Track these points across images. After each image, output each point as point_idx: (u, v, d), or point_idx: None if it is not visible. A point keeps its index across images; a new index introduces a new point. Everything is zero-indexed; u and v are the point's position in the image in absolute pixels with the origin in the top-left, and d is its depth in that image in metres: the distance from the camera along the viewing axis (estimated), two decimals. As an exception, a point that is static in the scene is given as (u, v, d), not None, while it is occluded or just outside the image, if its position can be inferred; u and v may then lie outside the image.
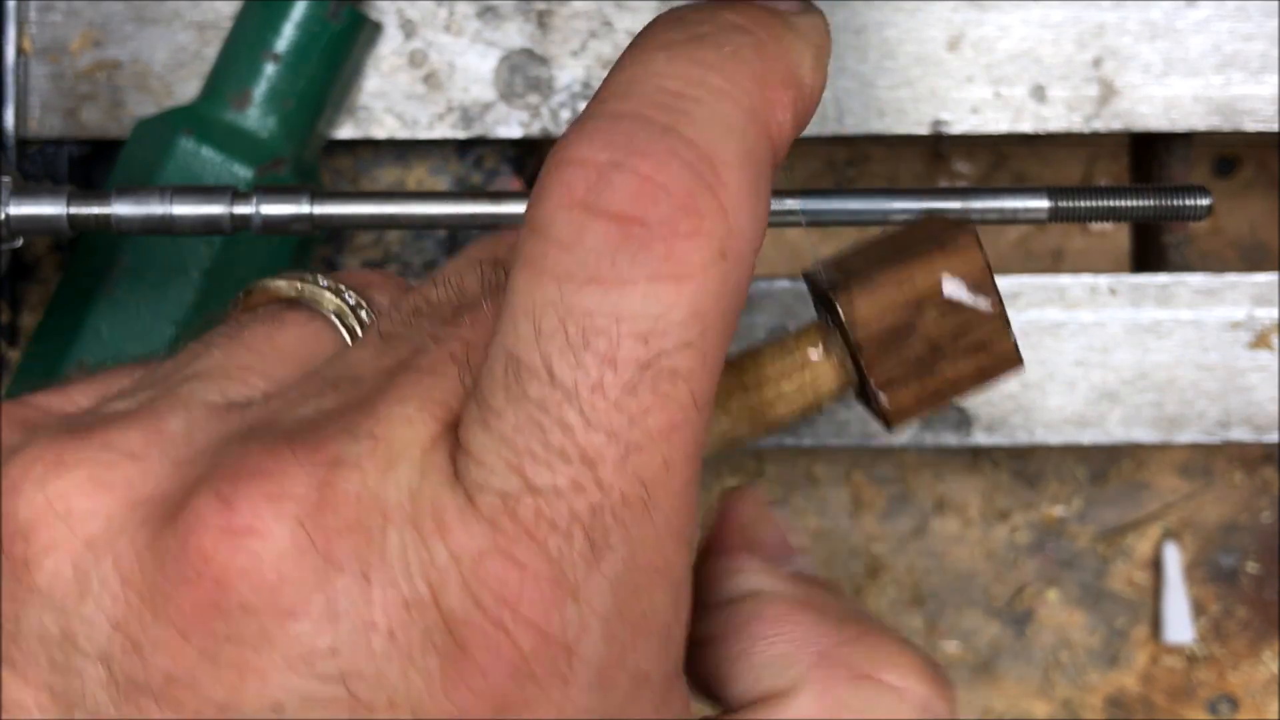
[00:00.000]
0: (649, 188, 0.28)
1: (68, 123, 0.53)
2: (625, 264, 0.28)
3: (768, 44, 0.31)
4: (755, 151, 0.30)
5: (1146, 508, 0.61)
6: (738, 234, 0.29)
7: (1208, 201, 0.46)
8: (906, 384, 0.32)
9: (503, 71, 0.54)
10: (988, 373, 0.33)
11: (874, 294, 0.32)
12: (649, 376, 0.28)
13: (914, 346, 0.32)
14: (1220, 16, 0.54)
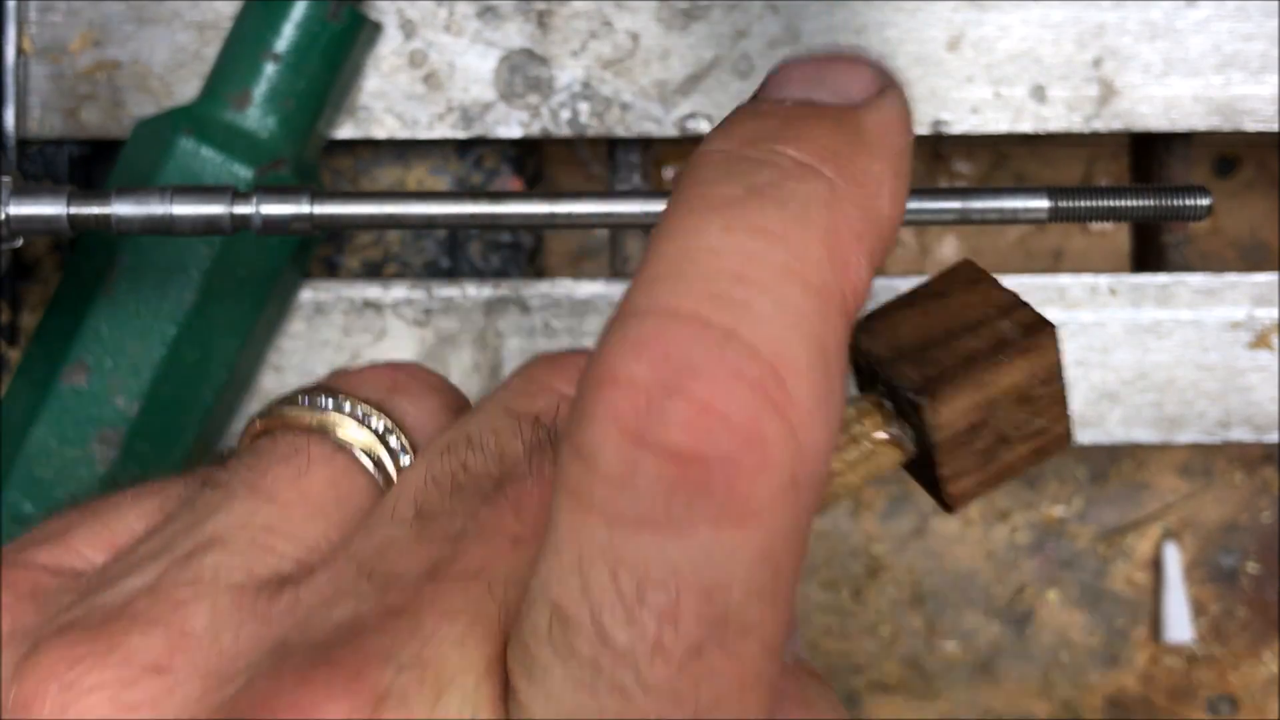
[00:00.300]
0: (708, 419, 0.25)
1: (68, 123, 0.53)
2: (683, 507, 0.24)
3: (839, 185, 0.27)
4: (827, 340, 0.26)
5: (1146, 508, 0.61)
6: (810, 454, 0.25)
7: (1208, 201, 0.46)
8: (971, 474, 0.32)
9: (503, 71, 0.54)
10: (1043, 454, 0.32)
11: (956, 399, 0.31)
12: (715, 634, 0.24)
13: (984, 439, 0.31)
14: (1220, 16, 0.54)
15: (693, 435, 0.24)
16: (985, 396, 0.31)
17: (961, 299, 0.31)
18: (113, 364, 0.50)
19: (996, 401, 0.31)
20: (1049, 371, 0.31)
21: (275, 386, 0.54)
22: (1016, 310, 0.31)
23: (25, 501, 0.50)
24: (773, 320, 0.25)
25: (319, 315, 0.54)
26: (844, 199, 0.27)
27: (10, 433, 0.51)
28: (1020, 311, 0.31)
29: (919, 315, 0.31)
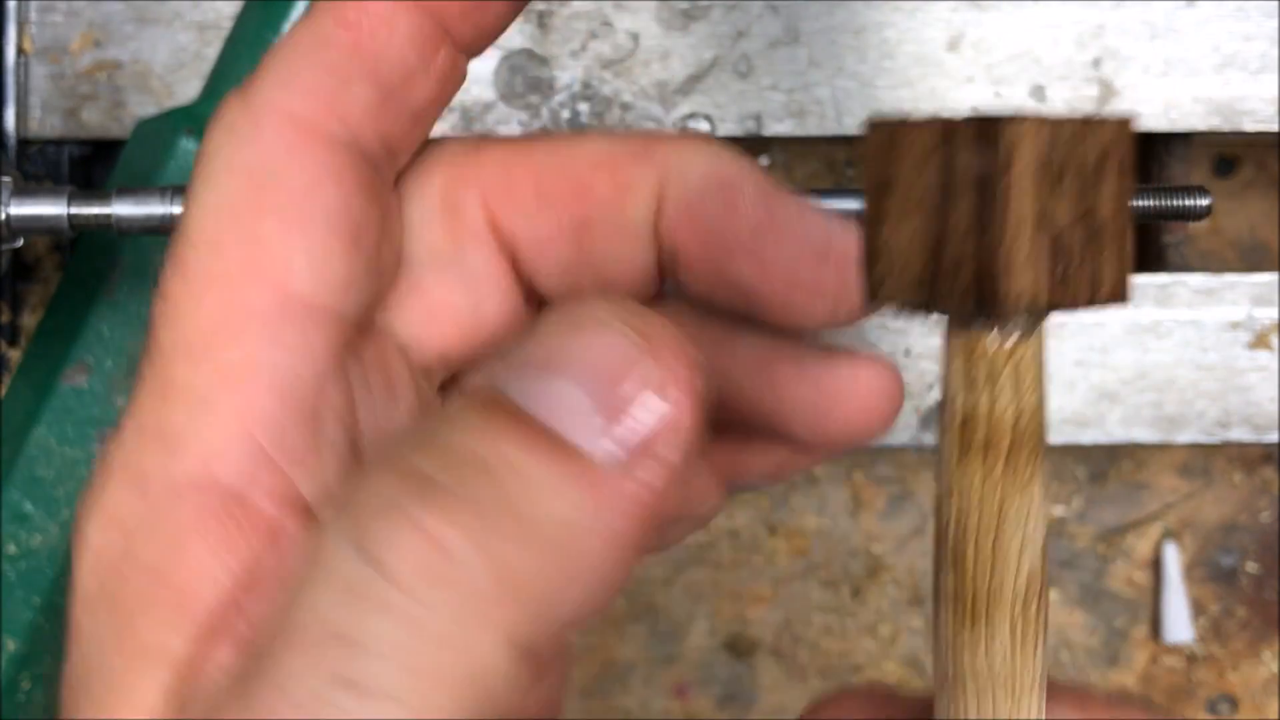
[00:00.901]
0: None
1: (68, 123, 0.53)
2: None
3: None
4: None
5: (1146, 508, 0.61)
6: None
7: (1207, 201, 0.46)
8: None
9: (503, 72, 0.54)
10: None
11: (1017, 270, 0.27)
12: None
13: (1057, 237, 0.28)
14: (1220, 17, 0.54)
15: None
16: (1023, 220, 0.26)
17: (911, 165, 0.27)
18: (113, 364, 0.51)
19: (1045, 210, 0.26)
20: (1036, 154, 0.26)
21: (275, 386, 0.54)
22: (956, 134, 0.27)
23: (26, 501, 0.50)
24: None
25: (319, 315, 0.54)
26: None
27: (11, 433, 0.51)
28: (960, 130, 0.27)
29: (902, 225, 0.28)
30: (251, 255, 0.29)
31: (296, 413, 0.29)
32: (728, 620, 0.62)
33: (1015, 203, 0.26)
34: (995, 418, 0.27)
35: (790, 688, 0.62)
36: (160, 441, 0.28)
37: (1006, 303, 0.26)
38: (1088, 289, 0.27)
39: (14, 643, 0.49)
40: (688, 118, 0.54)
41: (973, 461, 0.28)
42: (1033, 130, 0.26)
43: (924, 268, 0.27)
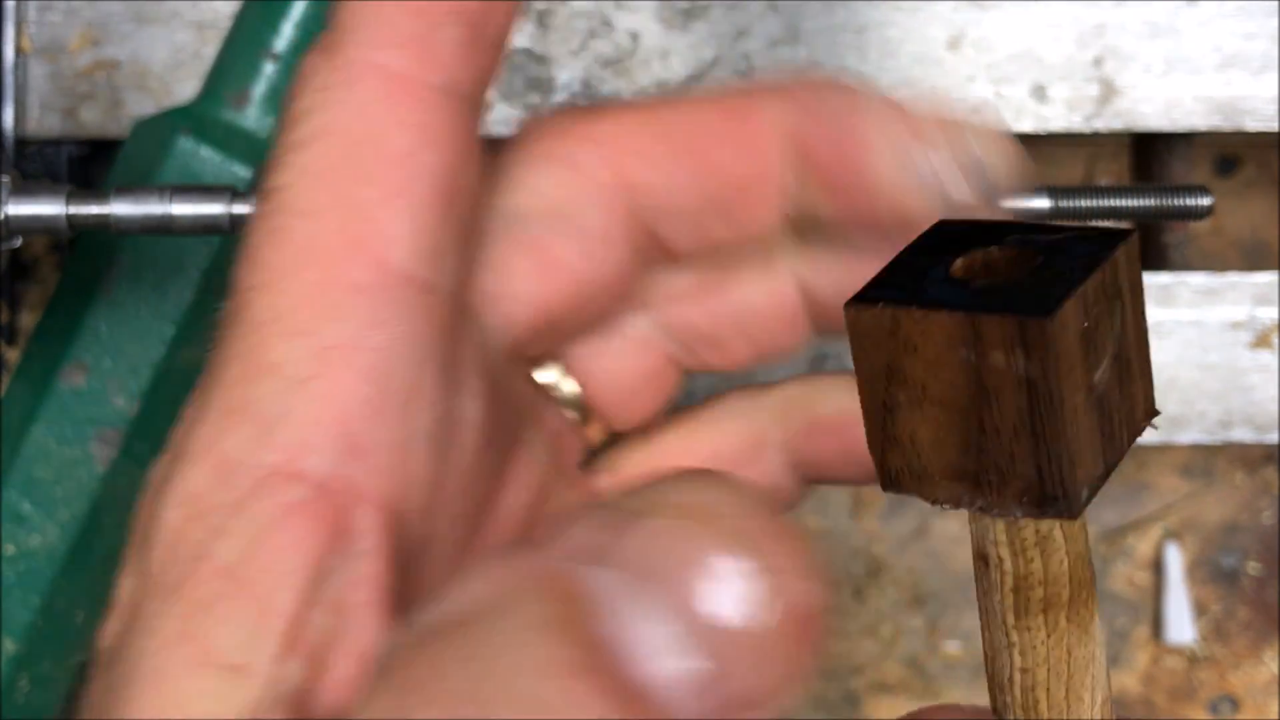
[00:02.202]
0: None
1: (66, 122, 0.53)
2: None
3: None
4: None
5: (1147, 508, 0.61)
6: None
7: (1208, 201, 0.46)
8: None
9: (503, 71, 0.54)
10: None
11: (1083, 458, 0.25)
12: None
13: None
14: (1221, 16, 0.54)
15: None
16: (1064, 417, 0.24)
17: (927, 360, 0.24)
18: (111, 364, 0.50)
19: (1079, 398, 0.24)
20: (1069, 355, 0.24)
21: (274, 386, 0.54)
22: (984, 334, 0.24)
23: (24, 501, 0.50)
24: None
25: (318, 315, 0.54)
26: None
27: (9, 433, 0.51)
28: (990, 329, 0.23)
29: (923, 419, 0.25)
30: (354, 226, 0.27)
31: (392, 401, 0.27)
32: (728, 621, 0.62)
33: (1069, 396, 0.23)
34: (1051, 575, 0.26)
35: (790, 688, 0.62)
36: (250, 424, 0.26)
37: (1078, 495, 0.24)
38: (1129, 430, 0.26)
39: (12, 643, 0.49)
40: (688, 117, 0.54)
41: (1034, 620, 0.26)
42: (1074, 314, 0.23)
43: (957, 464, 0.25)
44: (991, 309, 0.23)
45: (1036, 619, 0.26)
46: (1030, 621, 0.26)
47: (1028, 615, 0.26)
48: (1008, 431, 0.24)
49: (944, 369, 0.24)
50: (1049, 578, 0.26)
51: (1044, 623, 0.26)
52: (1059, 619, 0.26)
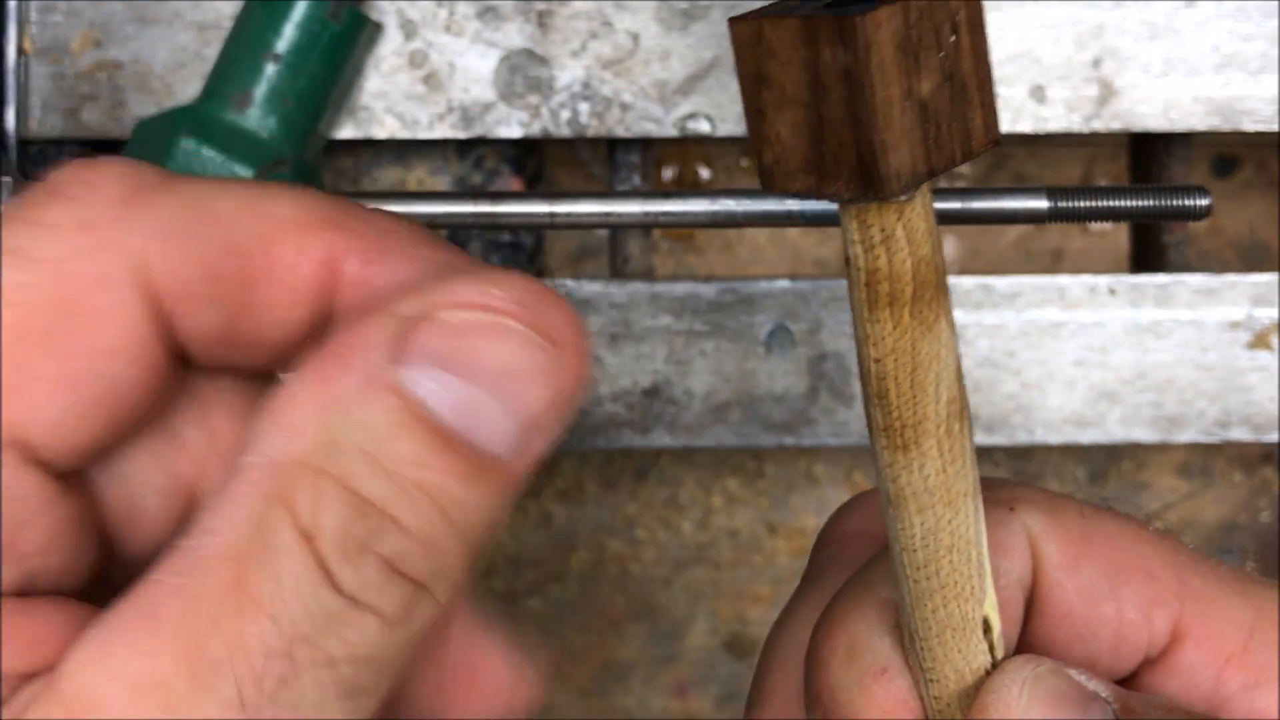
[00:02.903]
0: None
1: (69, 123, 0.54)
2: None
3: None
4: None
5: (1146, 507, 0.61)
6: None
7: (1207, 201, 0.46)
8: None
9: (503, 72, 0.54)
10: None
11: (891, 162, 0.30)
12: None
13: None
14: (1219, 16, 0.54)
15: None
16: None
17: (781, 62, 0.29)
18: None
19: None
20: (886, 49, 0.28)
21: (276, 386, 0.54)
22: (816, 31, 0.28)
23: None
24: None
25: (319, 315, 0.54)
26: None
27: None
28: (820, 27, 0.28)
29: (783, 119, 0.30)
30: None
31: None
32: (727, 620, 0.62)
33: (880, 89, 0.28)
34: (895, 272, 0.30)
35: (790, 687, 0.62)
36: None
37: (889, 180, 0.28)
38: (961, 145, 0.29)
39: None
40: (687, 118, 0.54)
41: (881, 313, 0.30)
42: (886, 18, 0.28)
43: (808, 156, 0.29)
44: (824, 12, 0.28)
45: (884, 312, 0.30)
46: (879, 314, 0.30)
47: (876, 308, 0.30)
48: (837, 121, 0.28)
49: (793, 68, 0.28)
50: (893, 274, 0.30)
51: (890, 315, 0.30)
52: (903, 314, 0.30)
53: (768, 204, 0.46)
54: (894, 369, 0.30)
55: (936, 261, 0.30)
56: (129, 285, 0.28)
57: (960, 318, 0.54)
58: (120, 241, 0.28)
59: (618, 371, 0.54)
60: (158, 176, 0.29)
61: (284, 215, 0.29)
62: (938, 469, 0.31)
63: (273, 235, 0.29)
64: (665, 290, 0.54)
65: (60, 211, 0.28)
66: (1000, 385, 0.54)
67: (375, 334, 0.27)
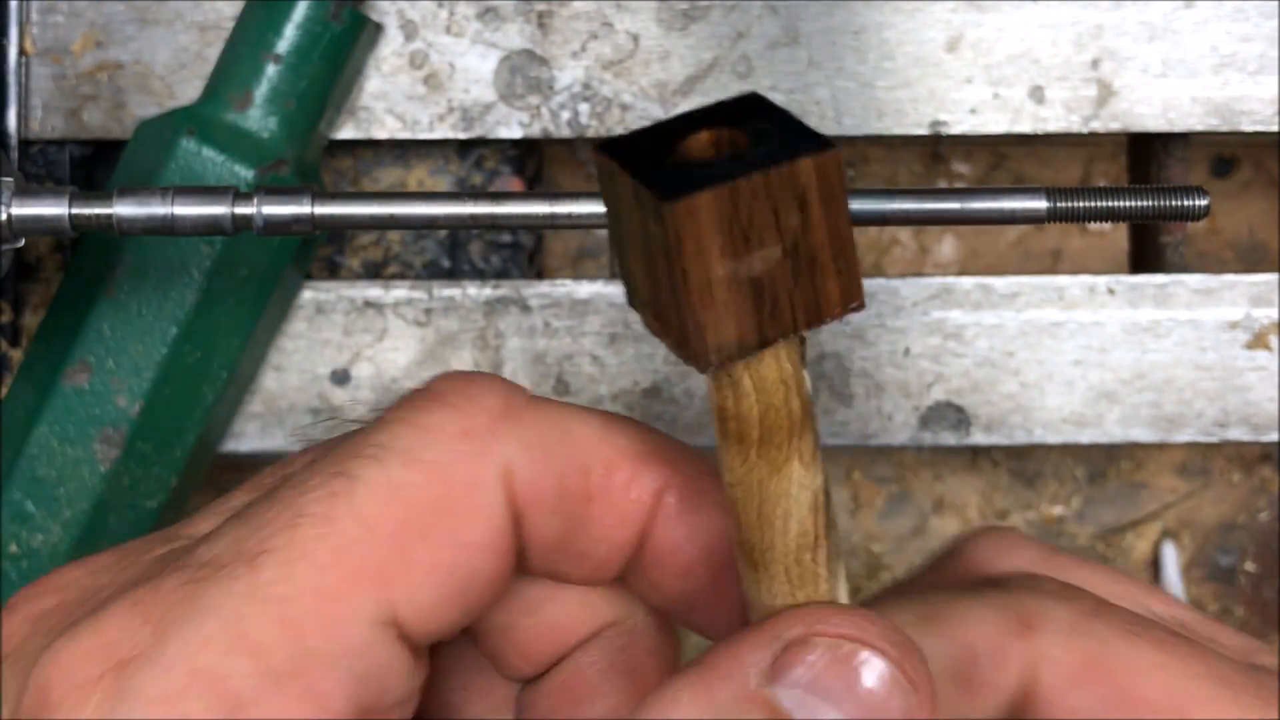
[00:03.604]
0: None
1: (70, 123, 0.54)
2: None
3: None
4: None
5: (1145, 507, 0.61)
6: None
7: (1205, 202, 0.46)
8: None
9: (503, 72, 0.54)
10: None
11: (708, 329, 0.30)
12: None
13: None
14: (1218, 17, 0.54)
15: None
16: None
17: (627, 210, 0.28)
18: (114, 364, 0.51)
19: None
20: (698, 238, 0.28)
21: (276, 387, 0.54)
22: (641, 198, 0.28)
23: (27, 501, 0.50)
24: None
25: (320, 315, 0.54)
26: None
27: (12, 432, 0.51)
28: (643, 195, 0.27)
29: (634, 257, 0.29)
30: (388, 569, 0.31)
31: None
32: (727, 619, 0.62)
33: (695, 273, 0.27)
34: (742, 415, 0.30)
35: (790, 687, 0.62)
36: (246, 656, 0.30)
37: (708, 355, 0.28)
38: (807, 314, 0.29)
39: (15, 642, 0.50)
40: (687, 118, 0.54)
41: (731, 449, 0.31)
42: (705, 204, 0.27)
43: (652, 300, 0.29)
44: (650, 182, 0.27)
45: (733, 447, 0.30)
46: (729, 446, 0.31)
47: (726, 440, 0.30)
48: (666, 285, 0.28)
49: (634, 221, 0.28)
50: (739, 416, 0.30)
51: (738, 451, 0.30)
52: (749, 453, 0.30)
53: (767, 204, 0.46)
54: (742, 497, 0.31)
55: (790, 407, 0.30)
56: (498, 489, 0.32)
57: (959, 318, 0.54)
58: (492, 452, 0.32)
59: (618, 371, 0.54)
60: (524, 396, 0.33)
61: (627, 446, 0.33)
62: (785, 591, 0.32)
63: (616, 461, 0.33)
64: (665, 290, 0.54)
65: (443, 418, 0.32)
66: (999, 385, 0.54)
67: (755, 651, 0.30)
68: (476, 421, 0.32)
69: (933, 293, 0.54)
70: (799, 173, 0.27)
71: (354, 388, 0.54)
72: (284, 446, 0.54)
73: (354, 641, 0.30)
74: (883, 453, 0.60)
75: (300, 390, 0.54)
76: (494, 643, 0.35)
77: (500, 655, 0.35)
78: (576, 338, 0.54)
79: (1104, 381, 0.54)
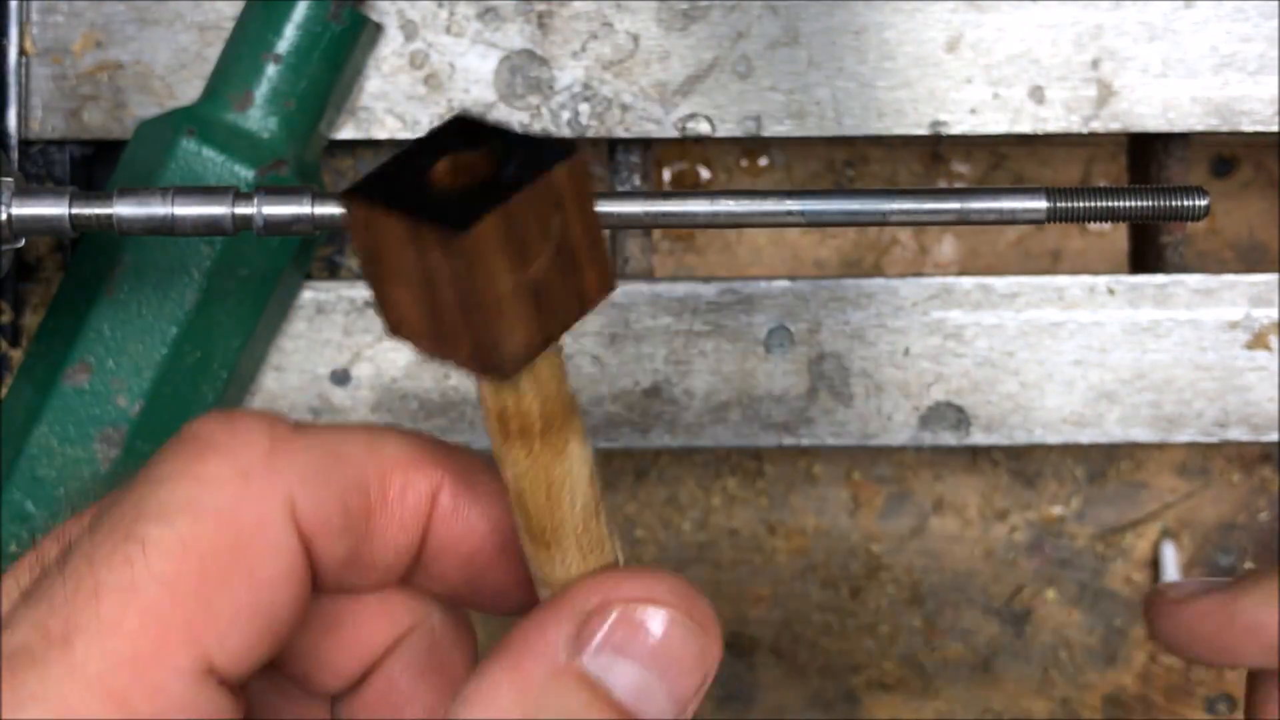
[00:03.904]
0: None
1: (70, 124, 0.54)
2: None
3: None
4: None
5: (1145, 507, 0.61)
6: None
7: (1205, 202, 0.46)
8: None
9: (503, 72, 0.54)
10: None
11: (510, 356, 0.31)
12: None
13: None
14: (1218, 17, 0.54)
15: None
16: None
17: (391, 250, 0.30)
18: (114, 364, 0.51)
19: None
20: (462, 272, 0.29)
21: (277, 386, 0.54)
22: (423, 238, 0.29)
23: (27, 501, 0.50)
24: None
25: (320, 315, 0.54)
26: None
27: (12, 432, 0.51)
28: (426, 235, 0.29)
29: (399, 290, 0.31)
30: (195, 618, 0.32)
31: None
32: (727, 619, 0.62)
33: (489, 291, 0.29)
34: (524, 411, 0.32)
35: (790, 687, 0.62)
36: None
37: (507, 364, 0.30)
38: (578, 305, 0.31)
39: (16, 642, 0.50)
40: (687, 118, 0.54)
41: (514, 445, 0.32)
42: (492, 227, 0.28)
43: (428, 328, 0.30)
44: (429, 218, 0.28)
45: (516, 443, 0.32)
46: (511, 445, 0.32)
47: (509, 440, 0.32)
48: (451, 312, 0.29)
49: (403, 259, 0.29)
50: (521, 413, 0.32)
51: (522, 445, 0.32)
52: (533, 445, 0.32)
53: (768, 204, 0.47)
54: (530, 487, 0.33)
55: (563, 394, 0.32)
56: (284, 524, 0.33)
57: (959, 318, 0.54)
58: (273, 488, 0.33)
59: (618, 371, 0.54)
60: (288, 426, 0.34)
61: (396, 455, 0.35)
62: (578, 560, 0.34)
63: (388, 473, 0.35)
64: (665, 290, 0.54)
65: (218, 464, 0.33)
66: (999, 385, 0.54)
67: (559, 625, 0.32)
68: (251, 461, 0.33)
69: (933, 293, 0.54)
70: (556, 180, 0.29)
71: (354, 388, 0.54)
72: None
73: (177, 698, 0.31)
74: (883, 453, 0.60)
75: (300, 390, 0.54)
76: (300, 665, 0.36)
77: (309, 675, 0.36)
78: (576, 338, 0.54)
79: (1104, 381, 0.54)
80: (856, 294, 0.54)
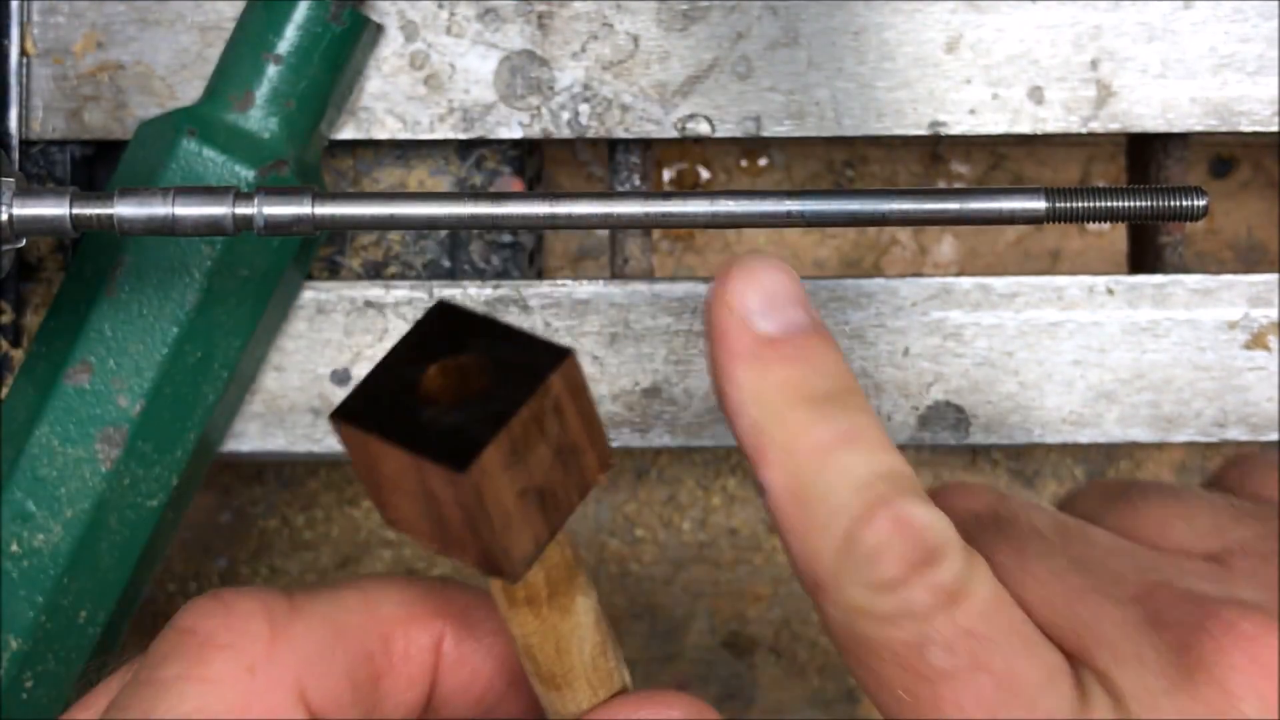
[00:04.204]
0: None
1: (71, 124, 0.54)
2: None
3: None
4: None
5: (1144, 507, 0.61)
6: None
7: (1204, 202, 0.46)
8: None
9: (503, 73, 0.54)
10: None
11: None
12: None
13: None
14: (1217, 18, 0.54)
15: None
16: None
17: (392, 471, 0.30)
18: (115, 364, 0.51)
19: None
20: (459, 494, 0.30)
21: (277, 386, 0.54)
22: (426, 471, 0.29)
23: (28, 500, 0.51)
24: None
25: (321, 315, 0.54)
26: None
27: (13, 432, 0.51)
28: (430, 470, 0.29)
29: (401, 500, 0.31)
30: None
31: None
32: (727, 619, 0.62)
33: (496, 511, 0.29)
34: (531, 587, 0.32)
35: (789, 686, 0.62)
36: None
37: (516, 569, 0.30)
38: (579, 491, 0.31)
39: (16, 641, 0.50)
40: (687, 119, 0.54)
41: (522, 612, 0.33)
42: (494, 454, 0.28)
43: (433, 533, 0.30)
44: (430, 452, 0.28)
45: (523, 609, 0.33)
46: (519, 613, 0.33)
47: (515, 607, 0.33)
48: (456, 527, 0.29)
49: (404, 480, 0.29)
50: (529, 587, 0.32)
51: (530, 611, 0.33)
52: (541, 609, 0.33)
53: (767, 204, 0.47)
54: (540, 643, 0.34)
55: (565, 559, 0.33)
56: (296, 708, 0.33)
57: (959, 318, 0.54)
58: (280, 680, 0.33)
59: (618, 371, 0.54)
60: (285, 603, 0.34)
61: (395, 612, 0.35)
62: (589, 695, 0.35)
63: (390, 635, 0.35)
64: (665, 290, 0.54)
65: (222, 663, 0.33)
66: (998, 385, 0.54)
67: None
68: (255, 655, 0.33)
69: (932, 293, 0.54)
70: (552, 389, 0.29)
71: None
72: (285, 446, 0.54)
73: None
74: (882, 452, 0.60)
75: (301, 390, 0.54)
76: None
77: None
78: (576, 338, 0.54)
79: (1103, 381, 0.54)
80: (856, 294, 0.54)
